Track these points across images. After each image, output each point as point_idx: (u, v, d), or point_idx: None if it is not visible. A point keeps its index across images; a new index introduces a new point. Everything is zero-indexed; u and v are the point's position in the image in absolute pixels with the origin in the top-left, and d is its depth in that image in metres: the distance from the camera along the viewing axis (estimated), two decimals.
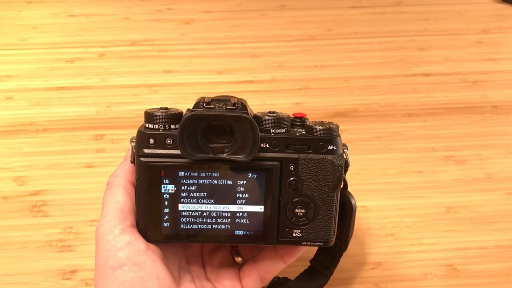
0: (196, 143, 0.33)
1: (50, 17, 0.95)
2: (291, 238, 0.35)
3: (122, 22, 0.93)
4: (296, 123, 0.36)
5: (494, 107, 0.69)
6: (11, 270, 0.45)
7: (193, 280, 0.37)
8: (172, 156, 0.33)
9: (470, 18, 0.96)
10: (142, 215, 0.34)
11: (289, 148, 0.34)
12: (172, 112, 0.34)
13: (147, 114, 0.34)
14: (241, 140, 0.33)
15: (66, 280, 0.44)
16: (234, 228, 0.35)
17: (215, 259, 0.39)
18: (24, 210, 0.52)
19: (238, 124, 0.32)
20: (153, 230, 0.34)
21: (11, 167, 0.58)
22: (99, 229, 0.33)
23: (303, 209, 0.35)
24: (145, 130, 0.33)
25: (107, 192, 0.35)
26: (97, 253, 0.33)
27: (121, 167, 0.36)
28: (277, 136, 0.34)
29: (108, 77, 0.75)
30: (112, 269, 0.32)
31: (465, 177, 0.57)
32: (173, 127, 0.33)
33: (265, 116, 0.34)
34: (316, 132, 0.34)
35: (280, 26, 0.92)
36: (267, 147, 0.34)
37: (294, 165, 0.34)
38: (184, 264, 0.38)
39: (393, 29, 0.91)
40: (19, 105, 0.69)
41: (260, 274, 0.37)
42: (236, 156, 0.33)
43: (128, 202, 0.34)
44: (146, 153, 0.33)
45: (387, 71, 0.78)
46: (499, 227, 0.50)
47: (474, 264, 0.46)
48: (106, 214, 0.34)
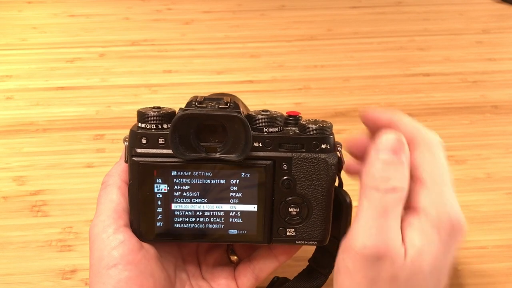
0: (188, 142, 0.33)
1: (50, 17, 0.95)
2: (285, 237, 0.35)
3: (122, 22, 0.93)
4: (290, 121, 0.36)
5: (494, 107, 0.69)
6: (11, 270, 0.45)
7: (189, 279, 0.37)
8: (164, 155, 0.33)
9: (470, 18, 0.96)
10: (136, 214, 0.34)
11: (282, 147, 0.34)
12: (165, 112, 0.33)
13: (140, 114, 0.33)
14: (233, 140, 0.33)
15: (66, 280, 0.44)
16: (228, 228, 0.35)
17: (211, 258, 0.39)
18: (24, 210, 0.52)
19: (230, 124, 0.32)
20: (147, 230, 0.34)
21: (11, 167, 0.58)
22: (93, 229, 0.33)
23: (297, 208, 0.35)
24: (137, 129, 0.33)
25: (102, 192, 0.35)
26: (91, 253, 0.33)
27: (116, 167, 0.36)
28: (270, 135, 0.33)
29: (108, 77, 0.75)
30: (107, 268, 0.32)
31: (465, 177, 0.57)
32: (166, 126, 0.33)
33: (258, 115, 0.34)
34: (309, 131, 0.34)
35: (280, 26, 0.92)
36: (260, 146, 0.33)
37: (287, 164, 0.34)
38: (179, 263, 0.38)
39: (393, 29, 0.91)
40: (19, 105, 0.69)
41: (255, 273, 0.38)
42: (228, 155, 0.33)
43: (122, 201, 0.34)
44: (138, 152, 0.33)
45: (387, 71, 0.78)
46: (499, 227, 0.50)
47: (474, 264, 0.46)
48: (100, 214, 0.34)
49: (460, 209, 0.30)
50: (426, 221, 0.29)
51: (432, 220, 0.29)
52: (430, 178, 0.31)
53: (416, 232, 0.29)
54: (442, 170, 0.31)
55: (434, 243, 0.29)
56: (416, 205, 0.30)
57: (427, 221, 0.29)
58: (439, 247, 0.29)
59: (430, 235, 0.29)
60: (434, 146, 0.32)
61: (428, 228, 0.29)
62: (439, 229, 0.29)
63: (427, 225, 0.29)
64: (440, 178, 0.31)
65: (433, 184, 0.30)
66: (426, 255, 0.29)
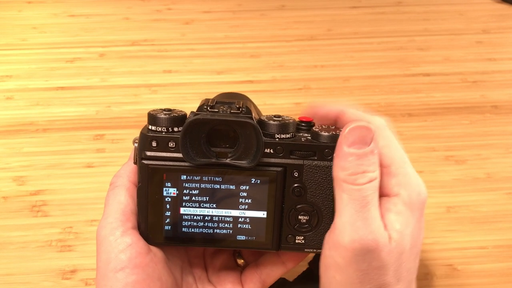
0: (199, 147, 0.32)
1: (50, 17, 0.95)
2: (294, 245, 0.35)
3: (122, 22, 0.93)
4: (302, 127, 0.35)
5: (494, 107, 0.69)
6: (11, 270, 0.45)
7: (195, 282, 0.37)
8: (174, 159, 0.33)
9: (470, 18, 0.96)
10: (144, 217, 0.34)
11: (294, 154, 0.33)
12: (176, 115, 0.33)
13: (150, 116, 0.33)
14: (244, 146, 0.32)
15: (66, 280, 0.44)
16: (236, 233, 0.35)
17: (217, 261, 0.39)
18: (24, 210, 0.52)
19: (242, 129, 0.32)
20: (154, 233, 0.34)
21: (11, 167, 0.58)
22: (101, 231, 0.33)
23: (307, 216, 0.34)
24: (147, 132, 0.33)
25: (110, 193, 0.35)
26: (98, 255, 0.33)
27: (125, 168, 0.36)
28: (281, 141, 0.33)
29: (108, 77, 0.75)
30: (114, 272, 0.31)
31: (465, 177, 0.57)
32: (176, 129, 0.33)
33: (270, 121, 0.33)
34: (322, 138, 0.33)
35: (280, 26, 0.92)
36: (272, 152, 0.33)
37: (299, 171, 0.33)
38: (186, 266, 0.37)
39: (393, 29, 0.91)
40: (19, 105, 0.69)
41: (262, 279, 0.37)
42: (239, 161, 0.32)
43: (131, 203, 0.34)
44: (148, 155, 0.33)
45: (387, 71, 0.78)
46: (499, 227, 0.50)
47: (474, 264, 0.46)
48: (108, 216, 0.33)
49: (422, 181, 0.33)
50: (400, 203, 0.31)
51: (405, 201, 0.32)
52: (391, 162, 0.32)
53: (394, 216, 0.31)
54: (398, 151, 0.33)
55: (410, 222, 0.31)
56: (388, 191, 0.32)
57: (401, 204, 0.31)
58: (415, 224, 0.32)
59: (406, 216, 0.31)
60: (383, 130, 0.33)
61: (403, 209, 0.31)
62: (412, 208, 0.32)
63: (402, 207, 0.31)
64: (400, 159, 0.33)
65: (396, 168, 0.32)
66: (406, 236, 0.31)
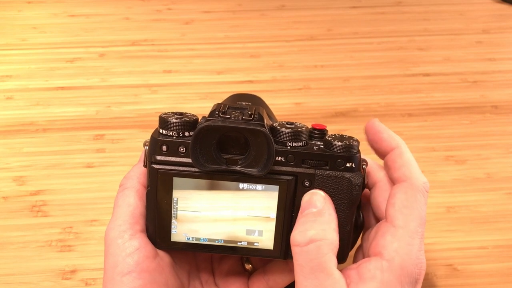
0: (209, 154, 0.32)
1: (50, 17, 0.95)
2: None
3: (122, 22, 0.93)
4: (315, 135, 0.34)
5: (494, 107, 0.69)
6: (11, 270, 0.45)
7: (202, 286, 0.37)
8: (184, 164, 0.32)
9: (470, 18, 0.96)
10: (152, 221, 0.34)
11: (306, 163, 0.33)
12: (187, 119, 0.33)
13: (162, 120, 0.33)
14: (255, 153, 0.32)
15: (66, 280, 0.44)
16: (245, 241, 0.34)
17: (225, 265, 0.39)
18: (24, 210, 0.52)
19: (253, 137, 0.31)
20: (162, 238, 0.34)
21: (11, 167, 0.58)
22: (109, 233, 0.33)
23: None
24: (158, 136, 0.33)
25: (119, 194, 0.34)
26: (106, 257, 0.33)
27: (135, 169, 0.35)
28: (293, 150, 0.32)
29: (108, 77, 0.75)
30: (121, 275, 0.31)
31: (465, 177, 0.57)
32: (187, 134, 0.32)
33: (282, 128, 0.33)
34: (335, 147, 0.33)
35: (280, 26, 0.92)
36: (283, 160, 0.32)
37: (310, 181, 0.33)
38: (193, 270, 0.37)
39: (393, 29, 0.91)
40: (19, 105, 0.69)
41: (269, 285, 0.37)
42: (249, 169, 0.32)
43: (140, 205, 0.34)
44: (158, 160, 0.33)
45: (387, 71, 0.78)
46: (499, 227, 0.50)
47: (474, 264, 0.46)
48: (117, 218, 0.33)
49: (424, 257, 0.31)
50: (387, 268, 0.30)
51: (395, 269, 0.30)
52: (403, 223, 0.31)
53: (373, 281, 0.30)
54: (417, 217, 0.32)
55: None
56: (380, 250, 0.31)
57: (388, 269, 0.30)
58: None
59: (390, 284, 0.30)
60: (419, 192, 0.32)
61: (389, 276, 0.30)
62: (401, 281, 0.30)
63: (388, 275, 0.30)
64: (413, 225, 0.31)
65: (403, 232, 0.31)
66: None
